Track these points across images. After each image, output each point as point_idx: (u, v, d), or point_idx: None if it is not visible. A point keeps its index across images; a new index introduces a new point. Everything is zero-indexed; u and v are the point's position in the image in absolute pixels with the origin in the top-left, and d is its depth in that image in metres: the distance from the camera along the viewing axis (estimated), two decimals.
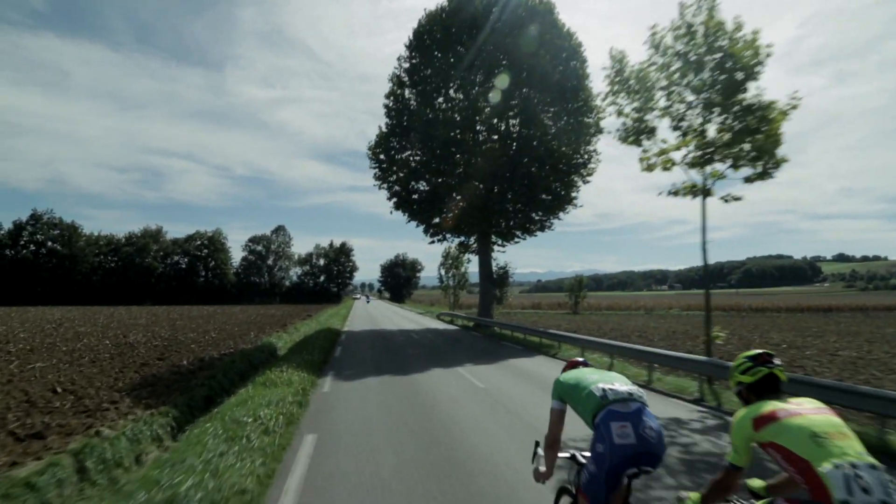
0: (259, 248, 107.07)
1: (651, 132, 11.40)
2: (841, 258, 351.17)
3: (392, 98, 28.55)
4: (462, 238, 29.88)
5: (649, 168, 11.95)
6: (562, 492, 3.38)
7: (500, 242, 28.72)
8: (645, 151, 11.86)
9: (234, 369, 14.67)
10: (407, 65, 28.12)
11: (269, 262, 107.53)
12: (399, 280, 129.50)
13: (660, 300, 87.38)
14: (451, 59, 26.63)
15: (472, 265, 48.89)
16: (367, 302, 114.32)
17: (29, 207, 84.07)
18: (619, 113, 12.06)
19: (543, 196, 26.44)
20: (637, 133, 11.69)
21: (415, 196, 27.92)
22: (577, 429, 3.61)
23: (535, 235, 28.20)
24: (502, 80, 26.85)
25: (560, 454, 3.12)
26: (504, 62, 26.49)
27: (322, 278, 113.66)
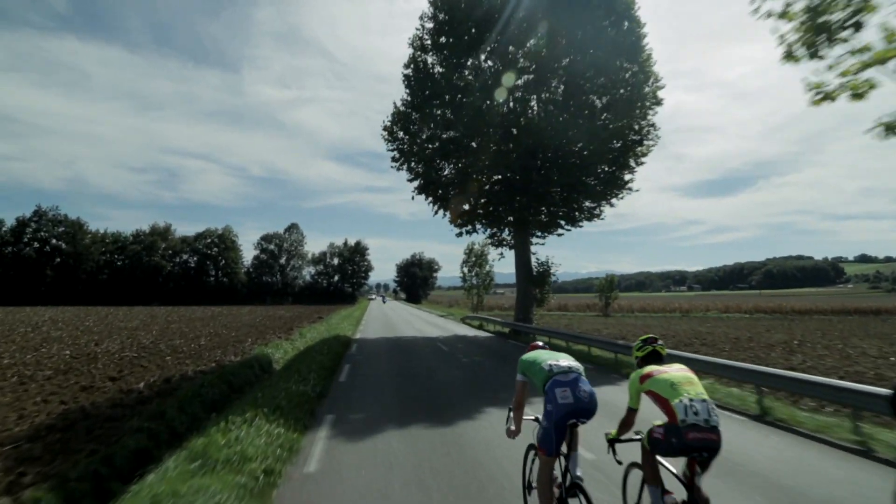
0: (271, 246, 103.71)
1: (856, 27, 6.95)
2: (863, 259, 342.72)
3: (412, 66, 24.25)
4: (495, 230, 25.37)
5: (828, 97, 7.54)
6: (530, 448, 4.37)
7: (539, 234, 24.27)
8: (830, 68, 7.42)
9: (202, 397, 10.50)
10: (430, 24, 23.78)
11: (282, 261, 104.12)
12: (415, 280, 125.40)
13: (694, 302, 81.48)
14: (484, 17, 22.30)
15: (498, 264, 44.42)
16: (384, 302, 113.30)
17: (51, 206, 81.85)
18: (783, 14, 7.65)
19: (592, 180, 21.92)
20: (816, 34, 7.29)
21: (441, 177, 23.48)
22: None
23: (581, 226, 23.76)
24: (543, 43, 22.46)
25: (525, 417, 4.18)
26: (545, 21, 22.11)
27: (336, 278, 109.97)
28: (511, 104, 22.07)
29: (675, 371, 3.53)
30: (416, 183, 23.85)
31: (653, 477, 3.60)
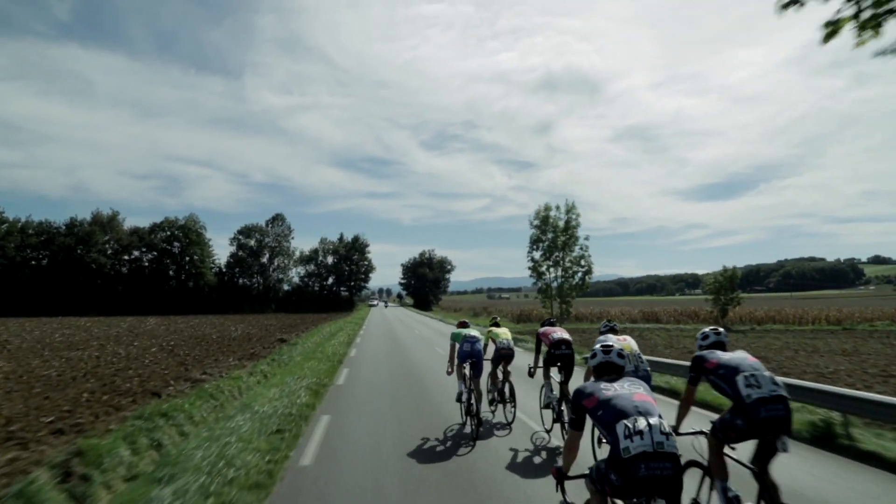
0: (251, 242, 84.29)
1: None
2: (877, 260, 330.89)
3: None
4: None
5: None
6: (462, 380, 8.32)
7: None
8: None
9: None
10: None
11: (264, 259, 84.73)
12: (425, 282, 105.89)
13: (849, 308, 60.94)
14: None
15: (593, 232, 24.81)
16: (386, 307, 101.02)
17: (53, 214, 66.12)
18: None
19: None
20: None
21: None
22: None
23: None
24: None
25: (455, 361, 8.38)
26: None
27: (330, 280, 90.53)
28: None
29: (502, 330, 8.78)
30: None
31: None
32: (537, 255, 24.85)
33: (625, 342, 5.88)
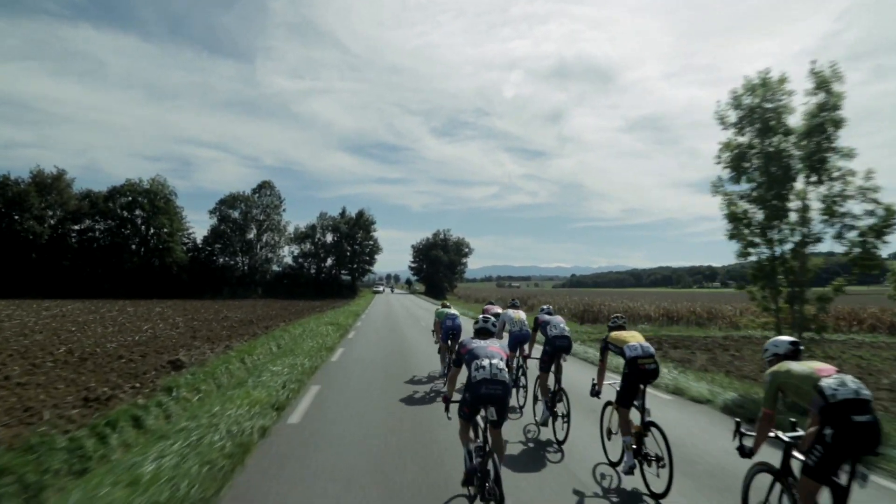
0: (235, 214, 70.68)
1: None
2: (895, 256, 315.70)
3: None
4: None
5: None
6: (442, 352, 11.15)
7: None
8: None
9: None
10: None
11: (250, 236, 71.06)
12: (438, 266, 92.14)
13: None
14: None
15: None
16: (392, 292, 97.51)
17: None
18: None
19: None
20: None
21: None
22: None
23: None
24: None
25: (440, 338, 10.95)
26: None
27: (330, 262, 76.87)
28: None
29: (455, 311, 10.71)
30: None
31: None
32: (742, 187, 10.86)
33: (518, 314, 8.70)
